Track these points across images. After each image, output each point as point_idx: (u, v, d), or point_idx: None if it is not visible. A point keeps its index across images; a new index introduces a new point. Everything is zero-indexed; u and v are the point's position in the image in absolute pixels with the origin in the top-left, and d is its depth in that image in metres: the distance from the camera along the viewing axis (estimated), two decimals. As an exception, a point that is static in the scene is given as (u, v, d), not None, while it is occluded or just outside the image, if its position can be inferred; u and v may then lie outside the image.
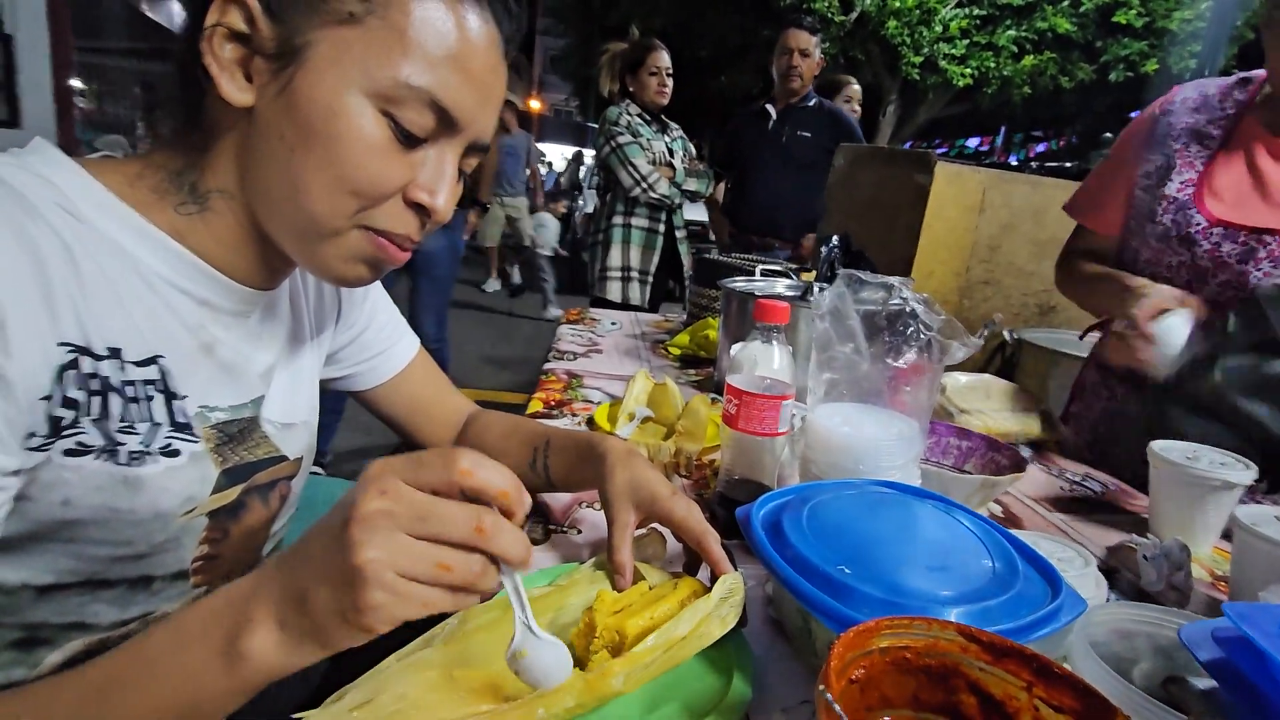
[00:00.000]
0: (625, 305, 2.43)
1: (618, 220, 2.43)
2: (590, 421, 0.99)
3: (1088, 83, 7.78)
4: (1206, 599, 0.69)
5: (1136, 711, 0.37)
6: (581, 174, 9.98)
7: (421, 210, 0.48)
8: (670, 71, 2.36)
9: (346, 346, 0.70)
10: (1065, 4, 7.32)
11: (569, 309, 1.80)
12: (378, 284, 0.73)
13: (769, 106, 2.52)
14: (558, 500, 0.73)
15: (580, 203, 8.02)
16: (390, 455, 0.36)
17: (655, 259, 2.46)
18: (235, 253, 0.50)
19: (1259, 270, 0.90)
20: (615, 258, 2.44)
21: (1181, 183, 0.97)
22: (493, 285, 6.44)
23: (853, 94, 2.90)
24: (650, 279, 2.47)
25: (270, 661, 0.35)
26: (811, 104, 2.50)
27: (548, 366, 1.25)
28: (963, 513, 0.58)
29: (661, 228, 2.45)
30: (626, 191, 2.35)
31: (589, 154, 11.21)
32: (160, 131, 0.49)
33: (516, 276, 6.45)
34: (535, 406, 1.04)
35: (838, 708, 0.30)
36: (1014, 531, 0.58)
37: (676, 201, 2.43)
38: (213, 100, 0.45)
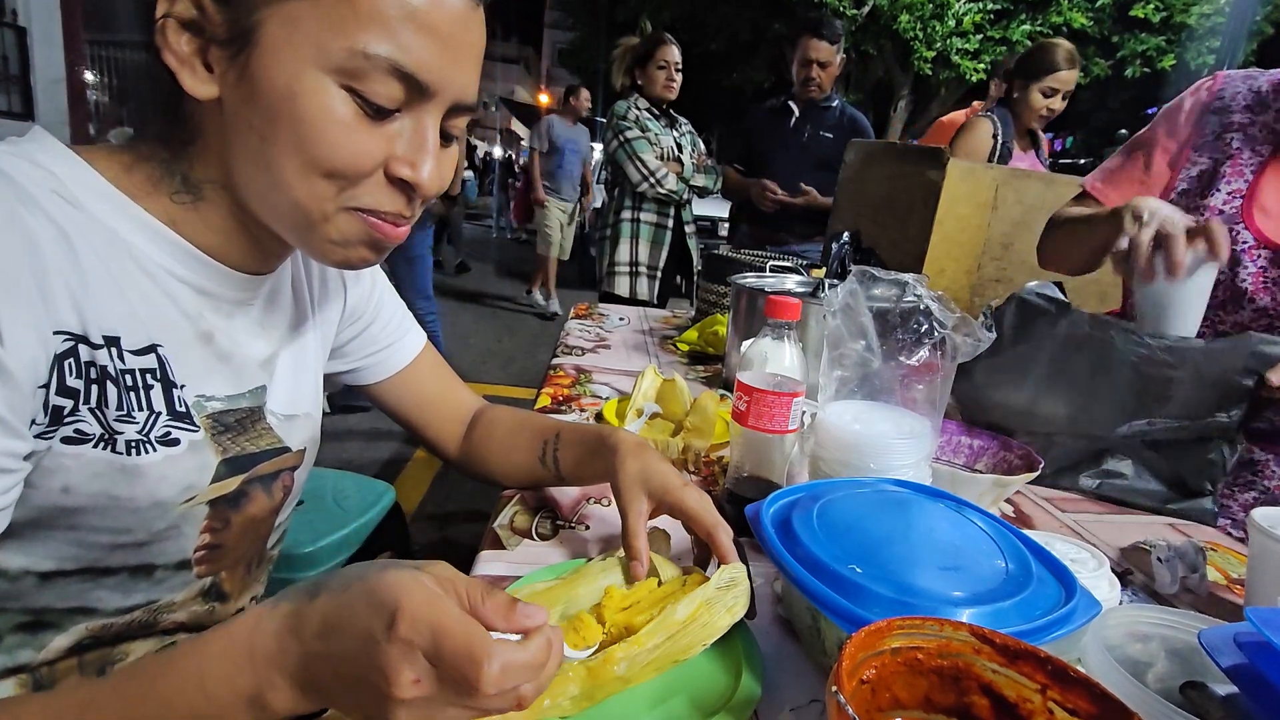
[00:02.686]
0: (634, 300, 2.43)
1: (626, 215, 2.42)
2: (599, 417, 0.99)
3: (1103, 78, 7.68)
4: (1221, 602, 0.68)
5: (1154, 717, 0.36)
6: (591, 168, 9.94)
7: (406, 185, 0.46)
8: (679, 66, 2.35)
9: (353, 340, 0.70)
10: (1081, -1, 7.23)
11: (577, 304, 1.80)
12: (383, 278, 0.73)
13: (791, 103, 2.49)
14: (566, 496, 0.73)
15: (590, 197, 7.99)
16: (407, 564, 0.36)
17: (664, 254, 2.45)
18: (230, 240, 0.50)
19: None
20: (624, 253, 2.43)
21: (1229, 193, 0.88)
22: (541, 298, 5.48)
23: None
24: (659, 274, 2.46)
25: (295, 711, 0.36)
26: (834, 104, 2.47)
27: (556, 361, 1.25)
28: (975, 512, 0.57)
29: (670, 223, 2.44)
30: (634, 187, 2.34)
31: (598, 148, 11.19)
32: (145, 125, 0.48)
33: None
34: (544, 401, 1.04)
35: (850, 709, 0.29)
36: (1026, 532, 0.57)
37: (685, 197, 2.41)
38: (186, 94, 0.44)
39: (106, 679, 0.37)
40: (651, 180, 2.31)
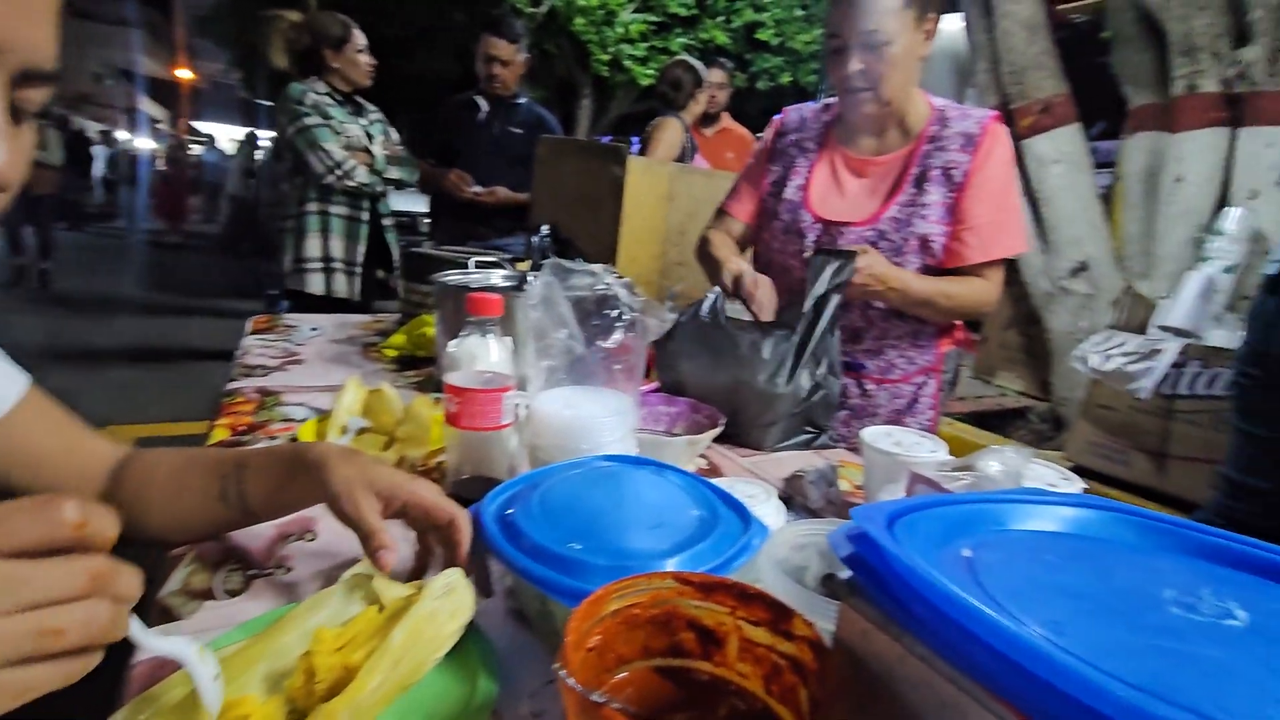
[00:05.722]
0: (331, 298, 2.21)
1: (313, 207, 2.18)
2: (294, 442, 0.87)
3: (742, 89, 9.16)
4: (854, 506, 0.88)
5: (807, 607, 0.45)
6: (259, 158, 8.68)
7: None
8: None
9: None
10: (721, 19, 8.47)
11: (257, 317, 1.56)
12: None
13: (478, 98, 2.47)
14: (258, 539, 0.64)
15: (259, 191, 6.97)
16: None
17: (361, 249, 2.26)
18: None
19: None
20: (314, 248, 2.19)
21: (795, 187, 1.23)
22: None
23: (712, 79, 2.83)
24: (358, 270, 2.27)
25: None
26: (522, 102, 2.52)
27: (233, 386, 1.07)
28: (673, 473, 0.65)
29: (365, 216, 2.26)
30: (318, 178, 2.12)
31: (265, 135, 9.78)
32: None
33: None
34: (220, 435, 0.88)
35: (571, 680, 0.31)
36: (715, 480, 0.67)
37: (379, 189, 2.26)
38: None
39: None
40: (338, 172, 2.11)
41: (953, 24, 3.36)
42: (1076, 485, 0.70)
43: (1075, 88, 2.96)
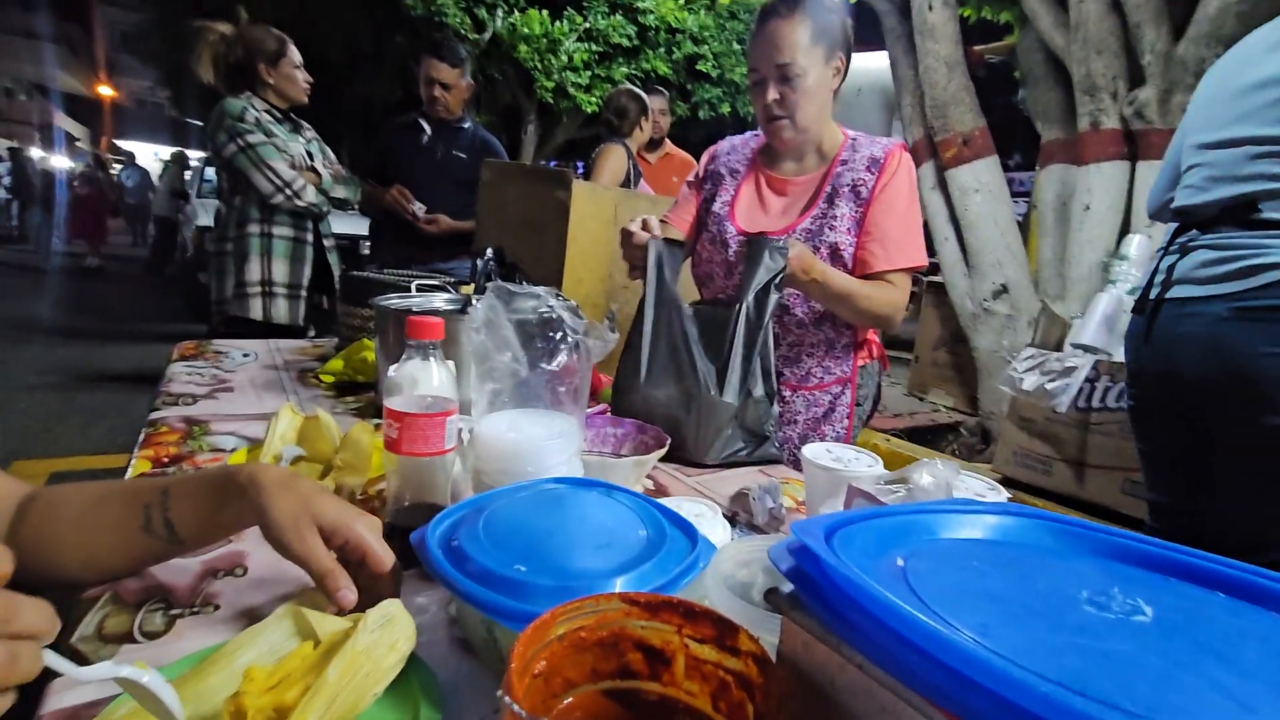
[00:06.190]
0: (269, 324, 2.12)
1: (254, 229, 2.09)
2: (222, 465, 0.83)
3: (685, 118, 9.38)
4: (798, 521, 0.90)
5: (753, 622, 0.46)
6: (188, 178, 8.33)
7: None
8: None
9: None
10: (662, 50, 8.68)
11: (184, 343, 1.49)
12: None
13: (422, 120, 2.45)
14: (182, 576, 0.60)
15: (189, 213, 6.67)
16: None
17: (307, 272, 2.19)
18: None
19: None
20: (254, 271, 2.10)
21: (722, 203, 1.34)
22: None
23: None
24: (302, 294, 2.19)
25: None
26: (467, 125, 2.51)
27: (156, 415, 1.01)
28: (620, 493, 0.65)
29: (310, 237, 2.19)
30: (266, 198, 2.04)
31: (194, 155, 9.39)
32: None
33: None
34: (142, 467, 0.84)
35: (516, 707, 0.31)
36: (663, 500, 0.67)
37: (325, 209, 2.20)
38: None
39: None
40: (288, 192, 2.04)
41: (882, 61, 3.55)
42: (1002, 495, 0.74)
43: (993, 123, 3.16)
